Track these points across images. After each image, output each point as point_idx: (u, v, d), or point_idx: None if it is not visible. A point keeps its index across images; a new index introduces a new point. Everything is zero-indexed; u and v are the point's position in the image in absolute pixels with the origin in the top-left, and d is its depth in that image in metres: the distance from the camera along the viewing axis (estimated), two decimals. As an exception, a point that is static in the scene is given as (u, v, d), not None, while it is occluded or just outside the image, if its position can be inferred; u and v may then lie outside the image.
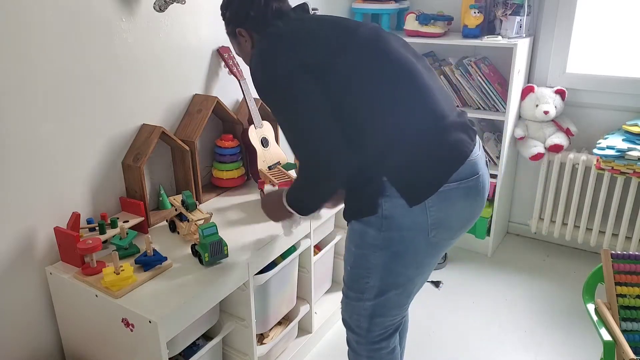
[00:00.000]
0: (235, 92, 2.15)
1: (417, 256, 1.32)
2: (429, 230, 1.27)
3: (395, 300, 1.39)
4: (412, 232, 1.27)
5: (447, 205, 1.26)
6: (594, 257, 2.75)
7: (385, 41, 1.31)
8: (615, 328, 1.46)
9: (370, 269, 1.34)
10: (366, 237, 1.31)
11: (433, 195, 1.23)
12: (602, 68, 2.57)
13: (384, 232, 1.28)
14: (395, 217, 1.26)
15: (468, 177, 1.27)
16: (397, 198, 1.24)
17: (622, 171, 2.34)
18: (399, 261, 1.32)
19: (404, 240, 1.28)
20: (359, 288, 1.39)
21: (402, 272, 1.34)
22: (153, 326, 1.32)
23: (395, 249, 1.30)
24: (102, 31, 1.61)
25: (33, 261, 1.56)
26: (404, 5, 2.83)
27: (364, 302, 1.40)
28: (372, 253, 1.32)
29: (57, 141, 1.56)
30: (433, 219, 1.26)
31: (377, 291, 1.36)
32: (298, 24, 1.34)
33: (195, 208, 1.68)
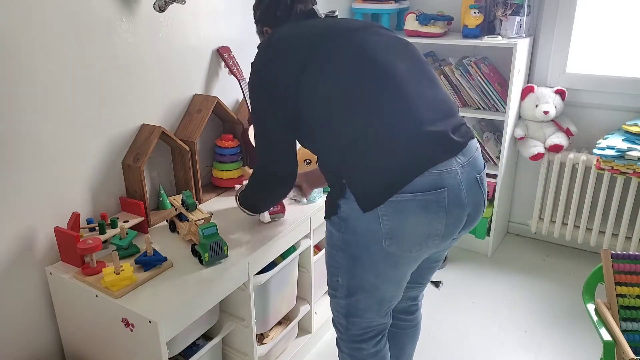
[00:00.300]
0: (235, 92, 2.15)
1: (374, 264, 1.29)
2: (383, 239, 1.23)
3: (365, 304, 1.38)
4: (366, 237, 1.25)
5: (401, 217, 1.20)
6: (594, 257, 2.75)
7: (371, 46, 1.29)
8: (615, 328, 1.46)
9: (338, 268, 1.37)
10: (332, 237, 1.35)
11: (384, 203, 1.19)
12: (602, 68, 2.57)
13: (343, 234, 1.30)
14: (350, 220, 1.26)
15: (427, 190, 1.19)
16: (353, 202, 1.24)
17: (622, 171, 2.34)
18: (358, 266, 1.32)
19: (359, 245, 1.28)
20: (333, 285, 1.43)
21: (363, 277, 1.33)
22: (153, 326, 1.32)
23: (352, 252, 1.31)
24: (102, 31, 1.61)
25: (33, 261, 1.56)
26: (404, 5, 2.83)
27: (338, 299, 1.43)
28: (337, 253, 1.35)
29: (57, 141, 1.56)
30: (386, 229, 1.22)
31: (346, 291, 1.39)
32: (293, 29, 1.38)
33: (195, 208, 1.67)
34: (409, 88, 1.25)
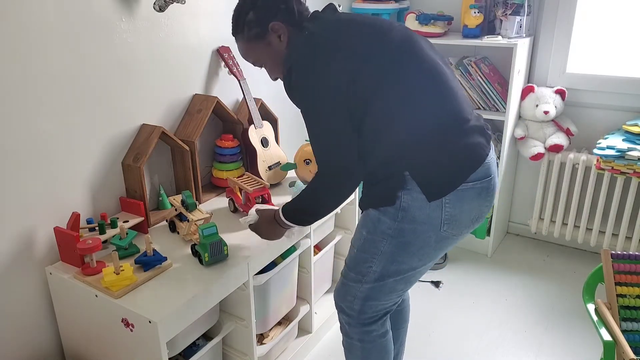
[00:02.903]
0: (235, 92, 2.15)
1: (424, 248, 1.38)
2: (442, 224, 1.33)
3: (392, 286, 1.44)
4: (425, 225, 1.33)
5: (461, 203, 1.32)
6: (594, 257, 2.75)
7: (417, 44, 1.35)
8: (615, 328, 1.46)
9: (376, 255, 1.39)
10: (380, 225, 1.36)
11: (452, 192, 1.30)
12: (602, 68, 2.57)
13: (398, 223, 1.33)
14: (411, 210, 1.32)
15: (482, 178, 1.34)
16: (416, 192, 1.30)
17: (622, 171, 2.34)
18: (406, 251, 1.37)
19: (415, 232, 1.34)
20: (360, 271, 1.44)
21: (406, 261, 1.39)
22: (153, 326, 1.32)
23: (405, 240, 1.35)
24: (102, 31, 1.61)
25: (33, 261, 1.56)
26: (404, 5, 2.82)
27: (362, 284, 1.44)
28: (383, 240, 1.37)
29: (57, 141, 1.56)
30: (447, 215, 1.32)
31: (377, 276, 1.42)
32: (334, 27, 1.35)
33: (195, 208, 1.68)
34: (454, 86, 1.36)
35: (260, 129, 2.08)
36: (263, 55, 1.44)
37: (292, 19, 1.38)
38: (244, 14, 1.41)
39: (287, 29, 1.38)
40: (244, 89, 2.02)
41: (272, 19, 1.38)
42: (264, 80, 2.30)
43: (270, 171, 2.09)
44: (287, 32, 1.38)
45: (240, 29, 1.42)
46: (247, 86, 2.03)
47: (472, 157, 1.33)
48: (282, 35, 1.39)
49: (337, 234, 2.23)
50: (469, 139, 1.33)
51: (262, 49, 1.42)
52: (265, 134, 2.11)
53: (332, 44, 1.30)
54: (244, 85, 2.02)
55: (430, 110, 1.31)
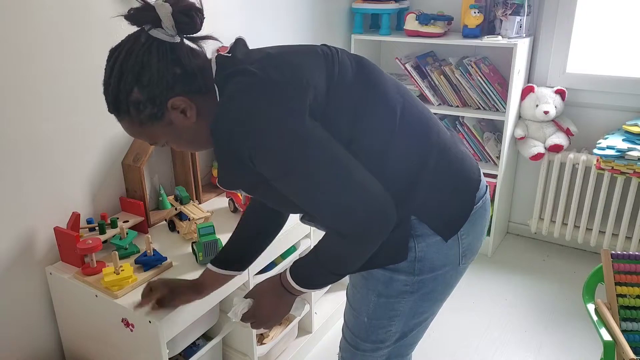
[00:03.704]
0: (235, 92, 2.15)
1: (446, 290, 1.21)
2: (460, 259, 1.15)
3: (416, 338, 1.27)
4: (445, 268, 1.14)
5: (474, 227, 1.15)
6: (594, 257, 2.75)
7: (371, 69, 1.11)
8: (615, 328, 1.46)
9: (394, 317, 1.19)
10: (394, 285, 1.14)
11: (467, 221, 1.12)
12: (602, 68, 2.57)
13: (417, 276, 1.12)
14: (429, 258, 1.11)
15: (482, 190, 1.17)
16: (430, 236, 1.09)
17: (622, 171, 2.34)
18: (428, 301, 1.18)
19: (436, 280, 1.15)
20: (377, 339, 1.22)
21: (428, 309, 1.21)
22: (153, 326, 1.32)
23: (426, 290, 1.15)
24: (102, 31, 1.61)
25: (33, 261, 1.56)
26: (404, 5, 2.82)
27: (383, 349, 1.24)
28: (401, 300, 1.16)
29: (57, 141, 1.56)
30: (464, 247, 1.14)
31: (399, 336, 1.22)
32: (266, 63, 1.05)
33: (189, 201, 1.68)
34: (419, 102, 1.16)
35: (260, 129, 2.07)
36: (163, 136, 1.05)
37: (195, 84, 1.01)
38: (125, 92, 0.99)
39: (192, 101, 1.01)
40: (244, 89, 2.01)
41: (169, 93, 0.98)
42: (264, 80, 2.30)
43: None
44: (193, 104, 1.01)
45: (123, 111, 1.01)
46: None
47: (471, 174, 1.14)
48: (187, 111, 1.01)
49: (337, 234, 2.22)
50: (457, 153, 1.13)
51: (161, 129, 1.03)
52: (265, 134, 2.10)
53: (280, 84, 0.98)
54: (244, 85, 2.01)
55: (415, 139, 1.08)
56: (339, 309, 2.26)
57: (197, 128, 1.03)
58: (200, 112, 1.02)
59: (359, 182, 0.97)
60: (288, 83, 0.98)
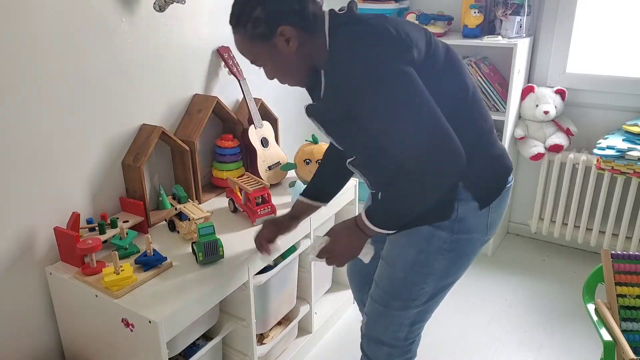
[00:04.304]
0: (235, 92, 2.15)
1: (471, 256, 1.35)
2: (487, 230, 1.31)
3: (438, 302, 1.38)
4: (477, 233, 1.30)
5: (500, 206, 1.32)
6: (594, 257, 2.75)
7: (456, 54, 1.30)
8: (615, 328, 1.46)
9: (429, 274, 1.31)
10: (435, 241, 1.27)
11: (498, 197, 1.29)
12: (602, 68, 2.57)
13: (456, 235, 1.27)
14: (467, 220, 1.27)
15: (512, 175, 1.35)
16: (470, 201, 1.25)
17: (622, 171, 2.34)
18: (459, 263, 1.33)
19: (469, 242, 1.31)
20: (409, 296, 1.33)
21: (456, 273, 1.35)
22: (153, 326, 1.32)
23: (460, 251, 1.30)
24: (102, 31, 1.61)
25: (33, 261, 1.56)
26: (404, 5, 2.82)
27: (411, 309, 1.34)
28: (438, 256, 1.29)
29: (57, 141, 1.56)
30: (491, 220, 1.30)
31: (429, 296, 1.34)
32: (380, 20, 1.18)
33: (186, 200, 1.69)
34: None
35: (260, 129, 2.08)
36: (264, 56, 1.23)
37: (305, 23, 1.18)
38: (250, 8, 1.18)
39: (298, 34, 1.18)
40: (244, 89, 2.02)
41: (283, 21, 1.16)
42: (264, 80, 2.30)
43: (270, 171, 2.09)
44: (297, 37, 1.18)
45: (242, 24, 1.20)
46: (247, 86, 2.03)
47: (506, 155, 1.33)
48: (290, 41, 1.18)
49: (337, 234, 2.22)
50: (498, 140, 1.34)
51: (265, 49, 1.21)
52: (265, 134, 2.11)
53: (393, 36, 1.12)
54: (244, 85, 2.02)
55: (477, 114, 1.27)
56: (339, 309, 2.26)
57: (292, 60, 1.21)
58: (301, 48, 1.19)
59: (444, 124, 1.10)
60: (399, 37, 1.12)
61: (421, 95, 1.11)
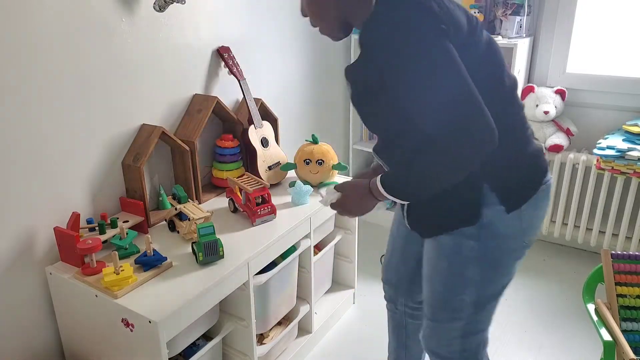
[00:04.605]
0: (235, 92, 2.15)
1: (511, 261, 1.28)
2: (524, 234, 1.25)
3: (490, 311, 1.33)
4: (508, 238, 1.23)
5: (536, 207, 1.25)
6: (594, 257, 2.75)
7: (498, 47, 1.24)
8: (615, 328, 1.46)
9: (466, 285, 1.27)
10: (462, 250, 1.23)
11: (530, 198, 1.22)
12: (602, 68, 2.57)
13: (483, 242, 1.22)
14: (495, 225, 1.20)
15: (549, 176, 1.27)
16: (497, 204, 1.19)
17: (622, 171, 2.34)
18: (496, 270, 1.27)
19: (500, 248, 1.24)
20: (452, 307, 1.30)
21: (498, 281, 1.29)
22: (153, 326, 1.32)
23: (493, 259, 1.24)
24: (102, 31, 1.61)
25: (33, 261, 1.56)
26: (404, 5, 2.82)
27: (458, 321, 1.32)
28: (469, 266, 1.25)
29: (57, 141, 1.56)
30: (527, 223, 1.23)
31: (473, 306, 1.30)
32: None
33: (187, 200, 1.68)
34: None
35: (260, 129, 2.08)
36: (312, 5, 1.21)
37: None
38: None
39: None
40: (244, 89, 2.02)
41: None
42: (264, 80, 2.30)
43: (270, 171, 2.09)
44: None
45: None
46: (247, 86, 2.03)
47: (543, 157, 1.25)
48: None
49: (337, 234, 2.22)
50: (535, 141, 1.25)
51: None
52: (265, 134, 2.11)
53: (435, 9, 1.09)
54: (244, 85, 2.02)
55: (511, 109, 1.21)
56: (339, 309, 2.27)
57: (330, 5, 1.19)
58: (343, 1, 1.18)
59: (478, 99, 1.05)
60: (441, 11, 1.09)
61: (458, 69, 1.06)
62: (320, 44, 2.65)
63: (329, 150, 2.10)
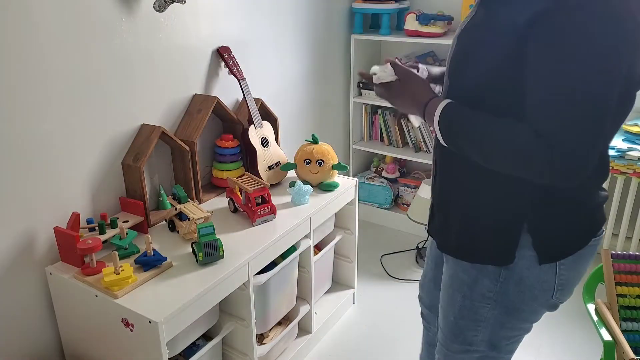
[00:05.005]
0: (235, 92, 2.15)
1: (535, 313, 1.16)
2: (554, 291, 1.10)
3: (509, 349, 1.23)
4: (534, 290, 1.09)
5: (578, 265, 1.09)
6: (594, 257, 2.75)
7: None
8: (616, 328, 1.46)
9: (479, 322, 1.17)
10: (478, 288, 1.13)
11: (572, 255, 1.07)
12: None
13: (501, 284, 1.10)
14: (518, 269, 1.07)
15: (600, 235, 1.11)
16: (528, 249, 1.05)
17: (622, 171, 2.34)
18: (515, 316, 1.14)
19: (522, 296, 1.10)
20: (465, 340, 1.21)
21: (516, 326, 1.18)
22: (153, 326, 1.32)
23: (510, 303, 1.12)
24: (102, 31, 1.61)
25: (33, 261, 1.56)
26: (404, 5, 2.82)
27: (472, 354, 1.23)
28: (485, 306, 1.14)
29: (57, 141, 1.56)
30: (561, 280, 1.08)
31: (487, 344, 1.20)
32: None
33: (187, 200, 1.68)
34: None
35: (260, 129, 2.08)
36: None
37: None
38: None
39: None
40: (244, 89, 2.02)
41: None
42: (264, 80, 2.30)
43: (270, 171, 2.09)
44: None
45: None
46: (247, 86, 2.03)
47: (602, 210, 1.09)
48: None
49: (337, 234, 2.23)
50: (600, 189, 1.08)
51: None
52: (265, 134, 2.11)
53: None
54: (244, 85, 2.02)
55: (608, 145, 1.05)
56: (339, 309, 2.27)
57: None
58: None
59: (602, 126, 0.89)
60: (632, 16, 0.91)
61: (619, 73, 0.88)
62: (320, 44, 2.65)
63: (329, 150, 2.10)
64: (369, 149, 3.04)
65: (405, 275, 2.61)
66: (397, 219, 3.02)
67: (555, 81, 0.89)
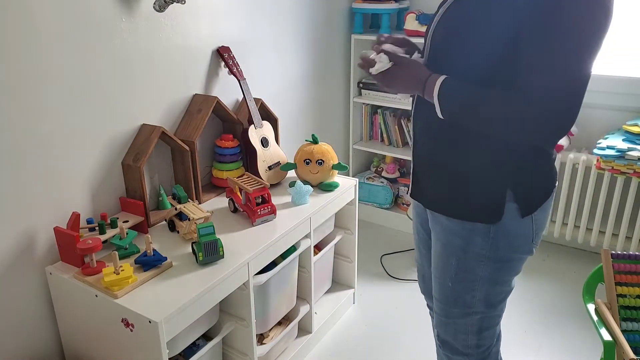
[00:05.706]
0: (235, 92, 2.15)
1: (520, 263, 1.28)
2: (533, 237, 1.23)
3: (502, 308, 1.34)
4: (519, 239, 1.22)
5: (545, 212, 1.23)
6: (594, 257, 2.75)
7: None
8: (616, 328, 1.46)
9: (475, 281, 1.26)
10: (471, 247, 1.22)
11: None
12: (602, 68, 2.57)
13: (492, 240, 1.20)
14: (505, 224, 1.18)
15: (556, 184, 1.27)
16: (511, 204, 1.17)
17: (622, 171, 2.34)
18: (505, 270, 1.26)
19: (511, 248, 1.22)
20: (464, 303, 1.30)
21: (507, 280, 1.29)
22: (153, 326, 1.32)
23: (501, 258, 1.23)
24: (102, 31, 1.61)
25: (33, 261, 1.56)
26: (404, 5, 2.82)
27: (471, 316, 1.31)
28: (479, 264, 1.23)
29: (57, 141, 1.56)
30: (536, 226, 1.22)
31: (485, 303, 1.29)
32: None
33: (187, 200, 1.68)
34: None
35: (260, 129, 2.08)
36: None
37: None
38: None
39: None
40: (244, 89, 2.02)
41: None
42: (264, 80, 2.30)
43: (270, 171, 2.09)
44: None
45: None
46: (247, 86, 2.03)
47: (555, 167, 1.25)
48: None
49: (337, 234, 2.23)
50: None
51: None
52: (265, 134, 2.11)
53: None
54: (244, 85, 2.02)
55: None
56: (339, 309, 2.27)
57: None
58: None
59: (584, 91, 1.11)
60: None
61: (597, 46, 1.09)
62: (320, 44, 2.66)
63: (329, 150, 2.10)
64: (369, 149, 3.04)
65: (405, 275, 2.61)
66: (397, 219, 3.02)
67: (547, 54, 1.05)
